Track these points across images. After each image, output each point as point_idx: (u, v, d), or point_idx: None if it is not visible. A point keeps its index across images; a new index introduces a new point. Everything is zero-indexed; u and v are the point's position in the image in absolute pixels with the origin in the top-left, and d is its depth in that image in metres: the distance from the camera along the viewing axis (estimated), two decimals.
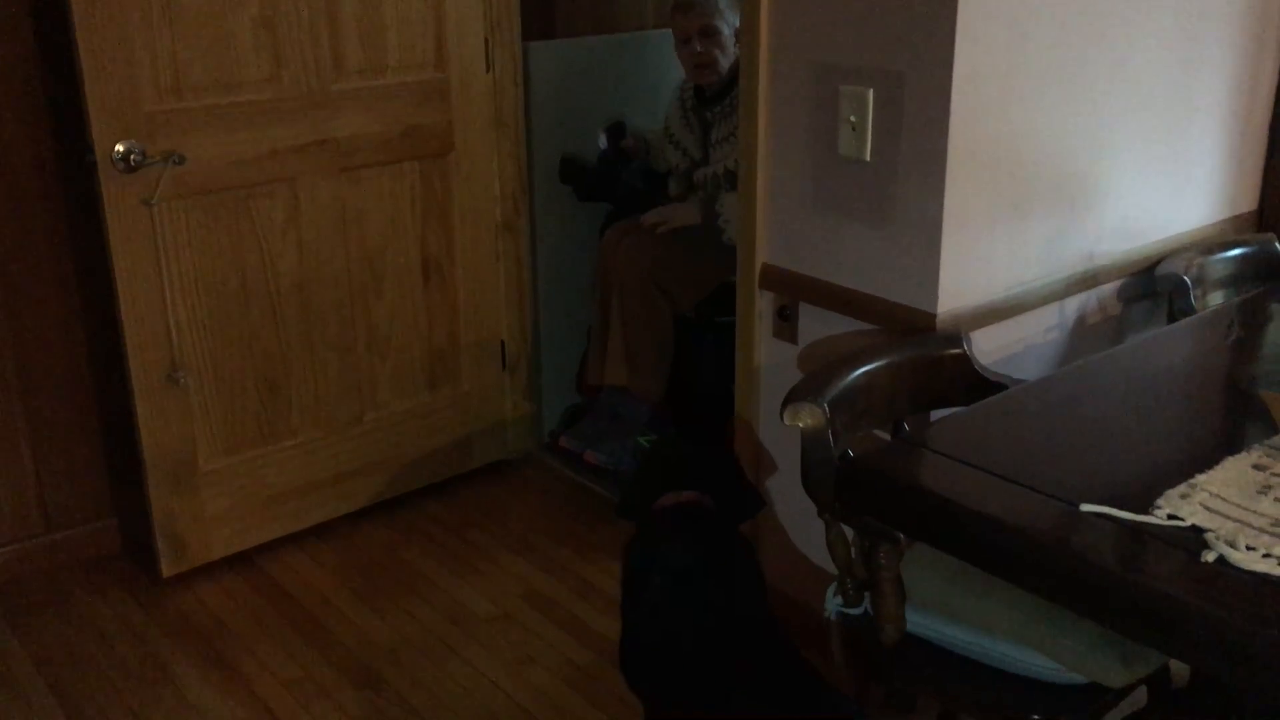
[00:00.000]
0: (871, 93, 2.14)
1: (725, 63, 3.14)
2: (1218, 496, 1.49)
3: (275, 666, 2.59)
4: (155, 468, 2.78)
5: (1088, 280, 2.42)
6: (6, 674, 2.58)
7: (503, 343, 3.36)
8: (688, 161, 3.29)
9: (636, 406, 3.37)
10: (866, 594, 1.86)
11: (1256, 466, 1.57)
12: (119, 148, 2.55)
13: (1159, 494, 1.51)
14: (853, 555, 1.88)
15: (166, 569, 2.87)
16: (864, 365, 1.99)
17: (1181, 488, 1.52)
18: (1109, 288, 2.50)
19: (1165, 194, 2.56)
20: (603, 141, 3.43)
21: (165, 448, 2.79)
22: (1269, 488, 1.52)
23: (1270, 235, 2.64)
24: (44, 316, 2.82)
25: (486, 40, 3.11)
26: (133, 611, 2.80)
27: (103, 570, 2.97)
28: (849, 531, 1.86)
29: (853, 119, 2.18)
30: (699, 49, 3.14)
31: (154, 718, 2.44)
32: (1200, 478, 1.54)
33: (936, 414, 2.10)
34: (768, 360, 2.52)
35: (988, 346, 2.24)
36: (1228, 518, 1.45)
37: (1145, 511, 1.47)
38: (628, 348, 3.24)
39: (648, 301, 3.18)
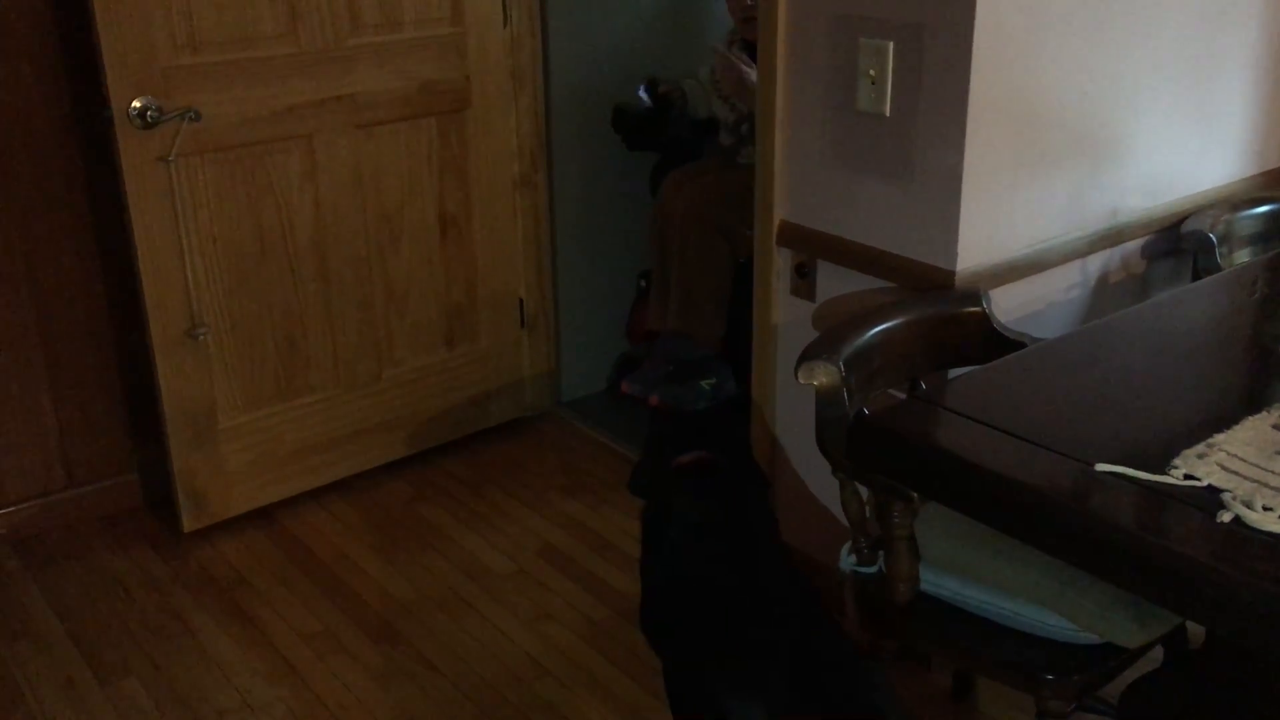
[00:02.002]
0: (891, 45, 2.10)
1: None
2: (1236, 456, 1.47)
3: (294, 620, 2.62)
4: (175, 423, 2.80)
5: (1111, 237, 2.39)
6: (29, 626, 2.61)
7: (520, 300, 3.36)
8: (736, 114, 3.26)
9: (696, 351, 3.37)
10: (880, 552, 1.86)
11: (1277, 426, 1.55)
12: (135, 104, 2.54)
13: (1176, 454, 1.49)
14: (867, 514, 1.88)
15: (187, 524, 2.89)
16: (880, 323, 1.97)
17: (1199, 447, 1.50)
18: (1132, 245, 2.47)
19: (1192, 149, 2.52)
20: (644, 96, 3.42)
21: (185, 403, 2.80)
22: None
23: None
24: (64, 273, 2.84)
25: None
26: (154, 565, 2.83)
27: (124, 525, 3.00)
28: (863, 490, 1.85)
29: (872, 72, 2.14)
30: (749, 1, 3.10)
31: (174, 669, 2.47)
32: (1219, 437, 1.52)
33: (954, 373, 2.08)
34: (785, 318, 2.50)
35: (1007, 305, 2.21)
36: (1245, 478, 1.43)
37: (1162, 471, 1.45)
38: (687, 293, 3.24)
39: (707, 246, 3.17)
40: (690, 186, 3.23)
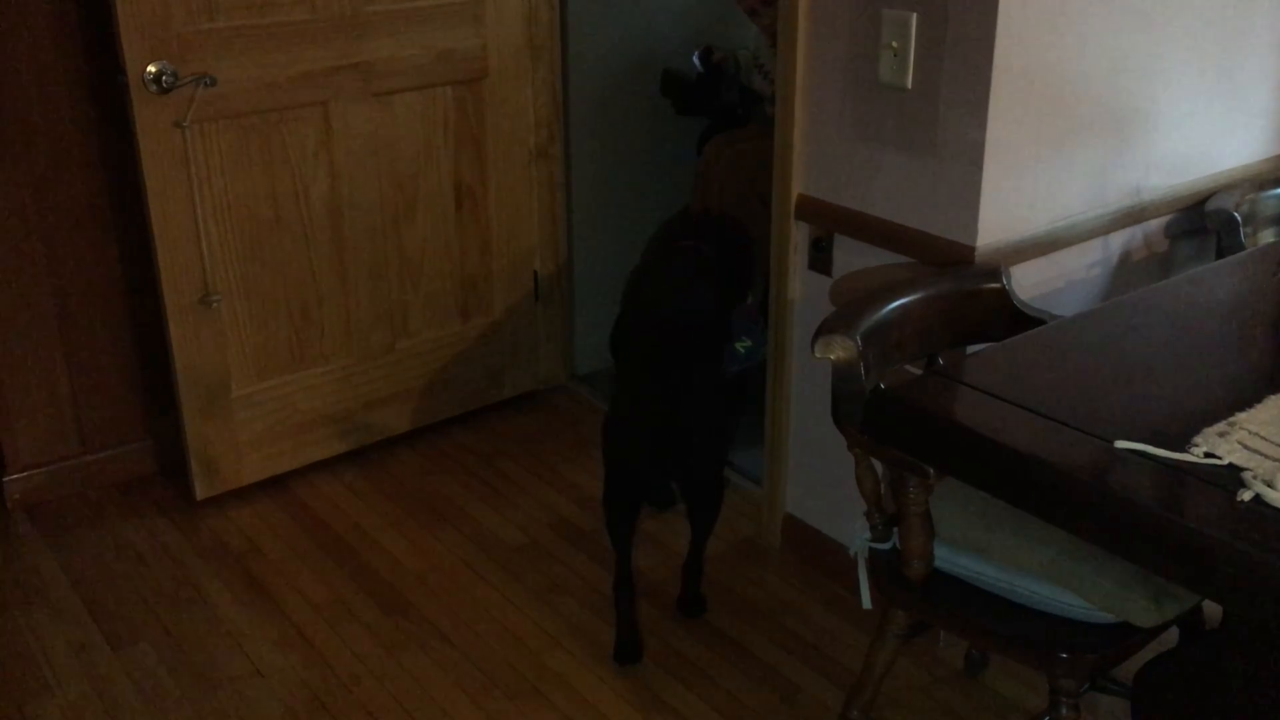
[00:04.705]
0: (915, 17, 2.08)
1: None
2: (1257, 435, 1.46)
3: (306, 589, 2.62)
4: (189, 392, 2.80)
5: (1134, 215, 2.36)
6: (43, 591, 2.62)
7: (535, 272, 3.34)
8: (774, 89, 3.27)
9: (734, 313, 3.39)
10: (895, 529, 1.85)
11: None
12: (150, 69, 2.53)
13: (1197, 432, 1.47)
14: (882, 490, 1.86)
15: (200, 492, 2.90)
16: (898, 298, 1.95)
17: (1220, 426, 1.48)
18: (1155, 223, 2.44)
19: (1217, 126, 2.49)
20: (697, 63, 3.45)
21: (198, 372, 2.80)
22: None
23: None
24: (79, 240, 2.83)
25: None
26: (167, 533, 2.84)
27: (138, 492, 3.01)
28: (878, 465, 1.84)
29: (894, 45, 2.12)
30: (767, 21, 3.10)
31: (187, 636, 2.47)
32: (1240, 416, 1.51)
33: (972, 349, 2.06)
34: (802, 292, 2.49)
35: (1028, 282, 2.19)
36: (1266, 457, 1.41)
37: (1182, 449, 1.44)
38: None
39: (746, 211, 3.17)
40: (732, 151, 3.24)
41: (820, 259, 2.41)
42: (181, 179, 2.64)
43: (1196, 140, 2.45)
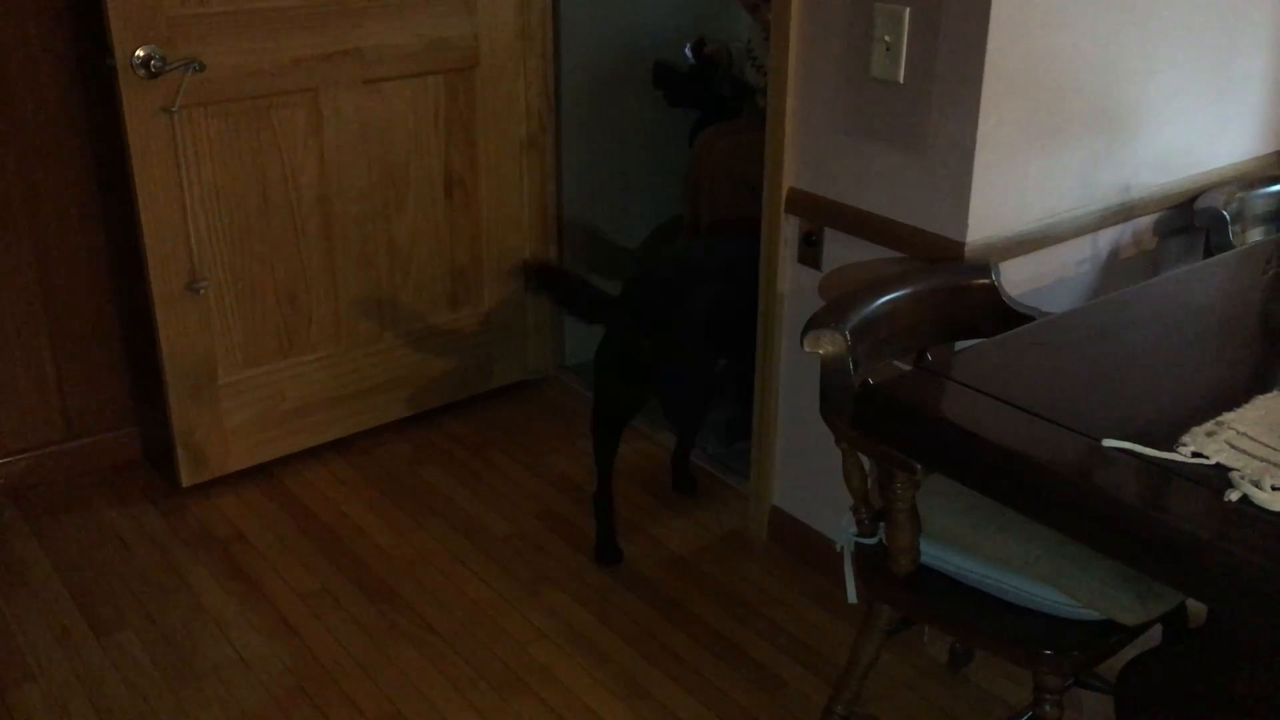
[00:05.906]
0: (908, 11, 2.07)
1: None
2: (1245, 435, 1.46)
3: (292, 578, 2.61)
4: (175, 378, 2.79)
5: (1123, 212, 2.36)
6: (26, 576, 2.61)
7: (525, 262, 3.33)
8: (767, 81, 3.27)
9: None
10: (881, 524, 1.85)
11: None
12: (139, 53, 2.51)
13: (1185, 431, 1.47)
14: (868, 485, 1.86)
15: (186, 479, 2.88)
16: (888, 293, 1.95)
17: (1208, 425, 1.48)
18: (1145, 221, 2.44)
19: (1208, 125, 2.49)
20: (689, 55, 3.44)
21: (185, 358, 2.79)
22: None
23: None
24: (66, 225, 2.81)
25: None
26: (152, 519, 2.83)
27: (123, 478, 3.00)
28: (866, 461, 1.84)
29: (887, 39, 2.11)
30: (769, 17, 3.09)
31: (170, 623, 2.47)
32: (1228, 416, 1.51)
33: (961, 345, 2.06)
34: (791, 286, 2.48)
35: (1017, 278, 2.19)
36: (1254, 457, 1.41)
37: (1170, 448, 1.44)
38: None
39: (737, 202, 3.17)
40: (724, 143, 3.24)
41: (810, 253, 2.41)
42: (169, 165, 2.62)
43: (1186, 138, 2.45)
